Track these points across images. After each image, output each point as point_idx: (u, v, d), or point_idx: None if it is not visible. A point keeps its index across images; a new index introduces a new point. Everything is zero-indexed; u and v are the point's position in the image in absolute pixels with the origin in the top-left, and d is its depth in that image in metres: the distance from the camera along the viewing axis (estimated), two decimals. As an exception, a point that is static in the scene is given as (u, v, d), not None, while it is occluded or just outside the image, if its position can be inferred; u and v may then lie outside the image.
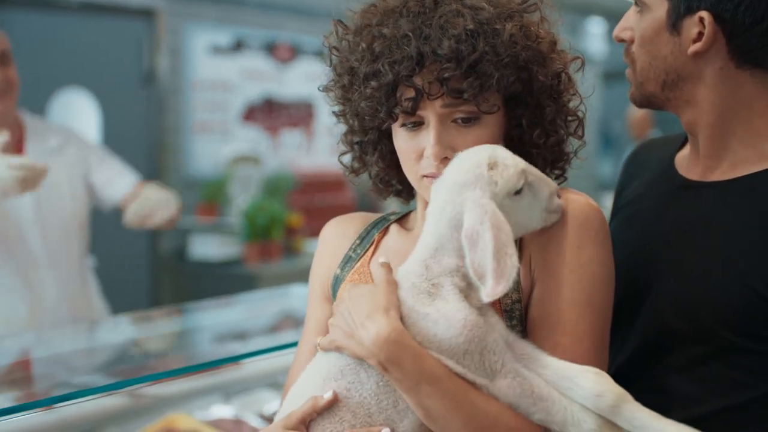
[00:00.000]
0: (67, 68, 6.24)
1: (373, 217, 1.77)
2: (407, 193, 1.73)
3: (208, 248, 6.55)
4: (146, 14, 6.73)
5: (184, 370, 2.24)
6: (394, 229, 1.70)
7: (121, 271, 5.74)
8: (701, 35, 1.59)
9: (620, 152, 10.89)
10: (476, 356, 1.36)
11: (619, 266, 1.66)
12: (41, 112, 5.69)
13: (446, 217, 1.41)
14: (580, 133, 1.65)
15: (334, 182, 7.40)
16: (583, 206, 1.51)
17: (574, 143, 1.67)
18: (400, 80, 1.47)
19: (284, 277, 5.72)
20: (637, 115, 9.43)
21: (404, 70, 1.46)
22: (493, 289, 1.30)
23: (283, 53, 7.65)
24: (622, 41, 1.72)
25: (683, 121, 1.70)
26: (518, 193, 1.40)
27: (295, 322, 2.81)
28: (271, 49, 7.57)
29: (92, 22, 6.46)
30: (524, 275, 1.50)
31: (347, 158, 1.75)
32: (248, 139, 7.38)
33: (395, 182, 1.71)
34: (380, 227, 1.72)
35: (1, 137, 2.80)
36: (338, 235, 1.75)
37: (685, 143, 1.81)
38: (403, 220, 1.74)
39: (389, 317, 1.36)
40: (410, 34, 1.46)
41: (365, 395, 1.41)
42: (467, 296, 1.39)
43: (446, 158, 1.49)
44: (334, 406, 1.42)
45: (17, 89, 3.17)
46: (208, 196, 6.89)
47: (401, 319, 1.38)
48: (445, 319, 1.36)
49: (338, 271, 1.69)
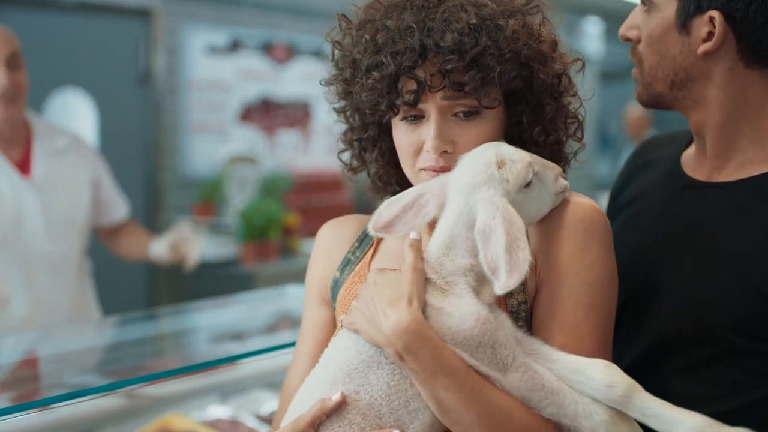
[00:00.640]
0: (63, 68, 6.24)
1: (368, 218, 1.77)
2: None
3: (204, 248, 6.52)
4: (143, 14, 6.72)
5: (180, 370, 2.24)
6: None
7: (118, 271, 5.72)
8: (711, 35, 1.59)
9: (617, 152, 10.90)
10: (489, 350, 1.37)
11: (622, 266, 1.66)
12: (38, 111, 5.68)
13: (463, 219, 1.42)
14: (579, 135, 1.65)
15: (331, 182, 7.40)
16: (587, 209, 1.52)
17: (573, 145, 1.67)
18: (402, 72, 1.48)
19: (281, 277, 5.71)
20: (634, 114, 9.44)
21: (406, 61, 1.47)
22: (506, 281, 1.31)
23: (279, 53, 7.64)
24: (628, 40, 1.72)
25: (691, 121, 1.70)
26: (528, 185, 1.43)
27: (292, 322, 2.81)
28: (267, 49, 7.56)
29: (89, 21, 6.45)
30: (530, 277, 1.50)
31: (346, 157, 1.75)
32: (245, 139, 7.38)
33: (394, 181, 1.72)
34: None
35: None
36: (335, 237, 1.75)
37: (691, 142, 1.81)
38: None
39: (411, 307, 1.37)
40: (414, 25, 1.47)
41: (375, 397, 1.40)
42: (479, 294, 1.40)
43: (445, 152, 1.50)
44: (342, 408, 1.41)
45: (27, 93, 3.17)
46: (204, 196, 6.89)
47: None
48: (459, 312, 1.38)
49: (337, 274, 1.69)
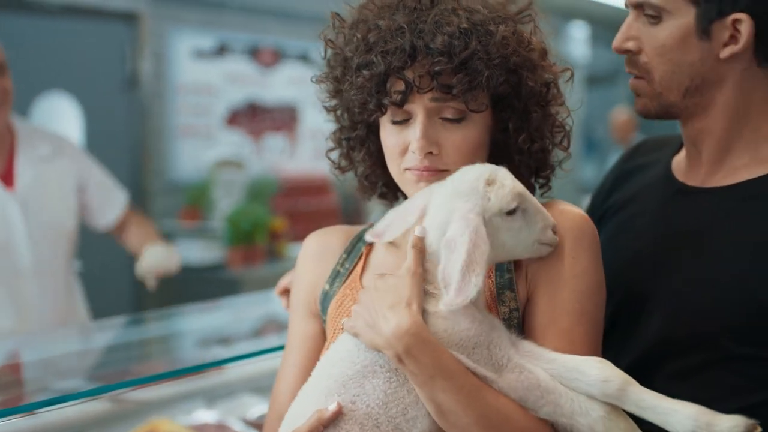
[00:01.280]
0: (49, 72, 6.22)
1: (354, 229, 1.77)
2: (392, 194, 1.75)
3: (191, 252, 6.52)
4: (129, 18, 6.71)
5: (167, 374, 2.23)
6: (379, 243, 1.70)
7: (104, 275, 5.71)
8: (733, 38, 1.59)
9: (603, 156, 10.93)
10: (485, 351, 1.39)
11: (615, 271, 1.66)
12: (24, 115, 5.66)
13: (437, 222, 1.43)
14: (565, 144, 1.67)
15: (317, 186, 7.39)
16: (577, 218, 1.54)
17: (559, 154, 1.68)
18: (391, 72, 1.49)
19: (268, 281, 5.67)
20: (620, 118, 9.48)
21: (396, 61, 1.48)
22: (452, 299, 1.33)
23: (266, 57, 7.64)
24: (626, 52, 1.69)
25: (692, 128, 1.69)
26: (510, 214, 1.42)
27: (278, 326, 2.80)
28: (254, 53, 7.56)
29: (75, 25, 6.44)
30: (522, 285, 1.52)
31: (336, 156, 1.76)
32: (231, 143, 7.37)
33: (381, 182, 1.73)
34: (366, 241, 1.72)
35: None
36: (322, 249, 1.74)
37: (681, 147, 1.81)
38: None
39: (411, 310, 1.38)
40: (405, 26, 1.48)
41: (372, 406, 1.41)
42: None
43: (431, 153, 1.51)
44: (340, 419, 1.41)
45: (11, 99, 3.15)
46: (191, 200, 6.87)
47: None
48: (453, 315, 1.39)
49: (327, 286, 1.69)
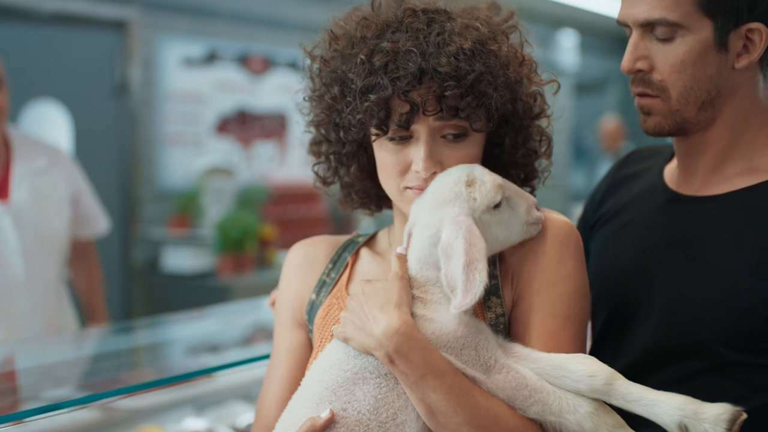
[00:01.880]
0: (38, 79, 6.20)
1: (339, 239, 1.78)
2: (375, 205, 1.75)
3: (180, 260, 6.52)
4: (118, 25, 6.70)
5: (156, 382, 2.22)
6: (365, 253, 1.72)
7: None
8: (746, 47, 1.60)
9: (592, 164, 10.96)
10: (472, 351, 1.40)
11: (609, 278, 1.67)
12: (13, 122, 5.65)
13: (427, 233, 1.45)
14: (549, 153, 1.68)
15: (307, 194, 7.39)
16: (561, 224, 1.56)
17: (542, 161, 1.70)
18: (398, 95, 1.48)
19: (257, 289, 5.69)
20: (609, 126, 9.51)
21: (405, 85, 1.47)
22: (461, 301, 1.35)
23: (256, 65, 7.64)
24: (638, 72, 1.66)
25: (692, 141, 1.68)
26: (497, 207, 1.45)
27: (268, 334, 2.80)
28: (243, 60, 7.55)
29: (64, 33, 6.42)
30: (508, 290, 1.54)
31: (318, 169, 1.75)
32: (221, 150, 7.36)
33: (371, 194, 1.73)
34: (351, 250, 1.73)
35: None
36: (307, 259, 1.75)
37: (673, 156, 1.81)
38: (371, 242, 1.75)
39: (401, 311, 1.40)
40: (414, 50, 1.47)
41: (363, 412, 1.41)
42: None
43: (434, 173, 1.51)
44: (331, 427, 1.41)
45: (8, 113, 3.16)
46: (180, 208, 6.86)
47: None
48: (440, 317, 1.41)
49: (313, 296, 1.70)
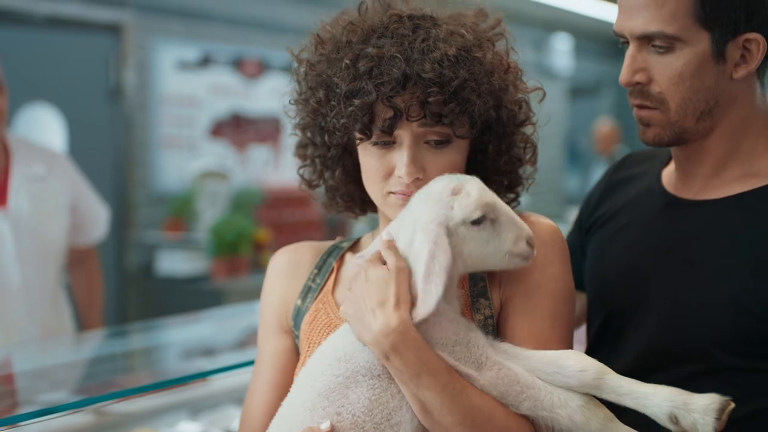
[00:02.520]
0: (33, 83, 6.19)
1: (323, 245, 1.78)
2: (360, 208, 1.75)
3: (175, 264, 6.51)
4: (113, 29, 6.69)
5: (151, 386, 2.22)
6: (350, 258, 1.72)
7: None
8: (743, 57, 1.60)
9: (586, 167, 10.98)
10: (464, 348, 1.41)
11: (605, 281, 1.67)
12: (7, 126, 5.64)
13: (407, 232, 1.45)
14: (533, 160, 1.69)
15: (301, 198, 7.36)
16: (547, 227, 1.59)
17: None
18: (382, 99, 1.48)
19: (252, 292, 5.66)
20: (603, 130, 9.52)
21: (389, 91, 1.47)
22: (415, 311, 1.37)
23: (250, 69, 7.64)
24: (637, 84, 1.66)
25: (691, 148, 1.69)
26: (476, 223, 1.41)
27: (263, 337, 2.80)
28: (238, 64, 7.56)
29: (59, 36, 6.42)
30: (495, 293, 1.55)
31: (304, 172, 1.75)
32: (216, 154, 7.35)
33: (356, 198, 1.73)
34: (336, 255, 1.73)
35: None
36: (292, 265, 1.75)
37: (670, 160, 1.81)
38: (355, 247, 1.75)
39: (399, 310, 1.39)
40: (399, 56, 1.47)
41: (358, 414, 1.42)
42: (444, 298, 1.42)
43: (417, 179, 1.51)
44: None
45: (7, 117, 3.17)
46: (175, 211, 6.86)
47: None
48: (432, 315, 1.40)
49: (299, 302, 1.70)
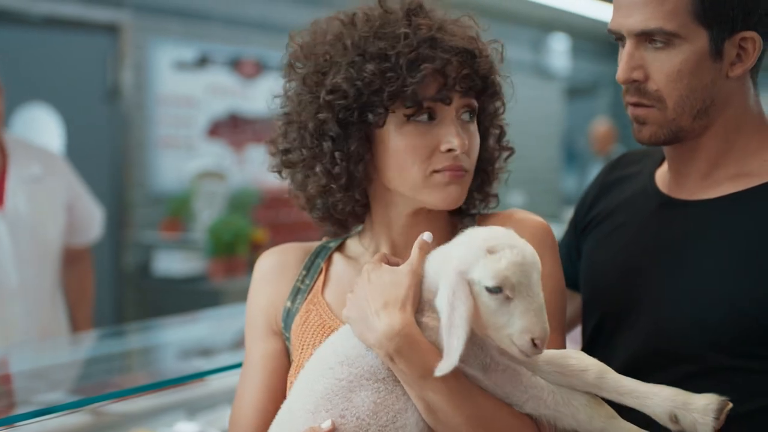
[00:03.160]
0: (30, 83, 6.19)
1: (310, 246, 1.76)
2: (356, 217, 1.68)
3: (172, 264, 6.51)
4: (110, 29, 6.69)
5: (148, 386, 2.22)
6: (338, 258, 1.70)
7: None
8: (739, 56, 1.60)
9: (583, 167, 10.99)
10: (469, 350, 1.39)
11: (600, 282, 1.67)
12: (4, 126, 5.64)
13: (438, 259, 1.42)
14: (506, 164, 1.72)
15: (299, 197, 7.36)
16: (538, 225, 1.59)
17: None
18: (446, 67, 1.51)
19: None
20: (600, 130, 9.53)
21: (450, 58, 1.52)
22: (440, 365, 1.33)
23: (248, 69, 7.64)
24: (633, 82, 1.65)
25: (686, 147, 1.69)
26: (491, 291, 1.33)
27: (260, 337, 2.80)
28: (236, 64, 7.56)
29: (56, 36, 6.42)
30: None
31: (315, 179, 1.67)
32: (213, 154, 7.36)
33: (358, 202, 1.63)
34: (324, 256, 1.71)
35: None
36: (280, 266, 1.72)
37: (663, 160, 1.81)
38: (342, 247, 1.73)
39: (404, 312, 1.38)
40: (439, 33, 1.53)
41: (362, 417, 1.40)
42: None
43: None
44: None
45: (3, 118, 3.17)
46: (172, 211, 6.86)
47: None
48: (437, 323, 1.40)
49: (288, 303, 1.68)
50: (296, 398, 1.48)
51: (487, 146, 1.64)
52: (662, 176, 1.79)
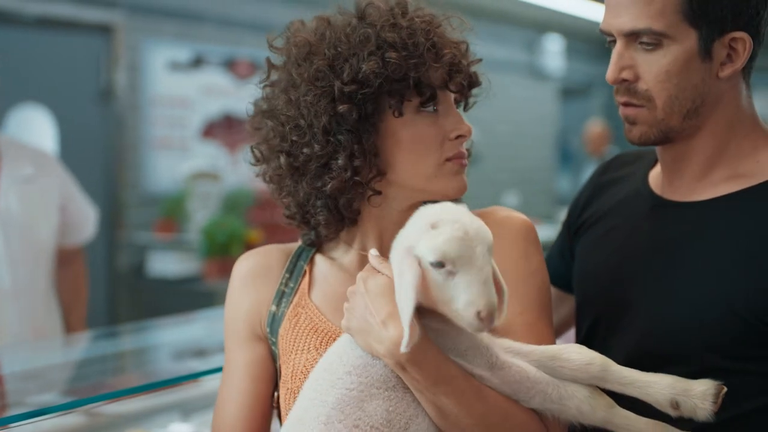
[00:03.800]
0: (24, 83, 6.18)
1: (290, 247, 1.73)
2: (339, 220, 1.62)
3: (166, 265, 6.51)
4: (104, 29, 6.69)
5: (142, 387, 2.22)
6: (320, 259, 1.69)
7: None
8: (729, 56, 1.60)
9: (578, 167, 11.01)
10: (476, 351, 1.42)
11: (594, 283, 1.67)
12: (-3, 127, 5.65)
13: (395, 249, 1.43)
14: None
15: (293, 198, 7.35)
16: (521, 221, 1.62)
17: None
18: (437, 62, 1.55)
19: (244, 293, 5.68)
20: (594, 131, 9.55)
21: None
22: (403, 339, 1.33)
23: (242, 69, 7.64)
24: (623, 82, 1.65)
25: (678, 149, 1.69)
26: (435, 266, 1.33)
27: (254, 338, 2.80)
28: (230, 65, 7.55)
29: (50, 36, 6.41)
30: None
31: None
32: (207, 155, 7.35)
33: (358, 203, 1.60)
34: (306, 257, 1.69)
35: None
36: (260, 270, 1.70)
37: (656, 161, 1.81)
38: (322, 248, 1.71)
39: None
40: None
41: (377, 426, 1.40)
42: None
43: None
44: None
45: None
46: (166, 212, 6.86)
47: None
48: (438, 324, 1.41)
49: (273, 307, 1.66)
50: (306, 408, 1.46)
51: None
52: (655, 178, 1.79)
